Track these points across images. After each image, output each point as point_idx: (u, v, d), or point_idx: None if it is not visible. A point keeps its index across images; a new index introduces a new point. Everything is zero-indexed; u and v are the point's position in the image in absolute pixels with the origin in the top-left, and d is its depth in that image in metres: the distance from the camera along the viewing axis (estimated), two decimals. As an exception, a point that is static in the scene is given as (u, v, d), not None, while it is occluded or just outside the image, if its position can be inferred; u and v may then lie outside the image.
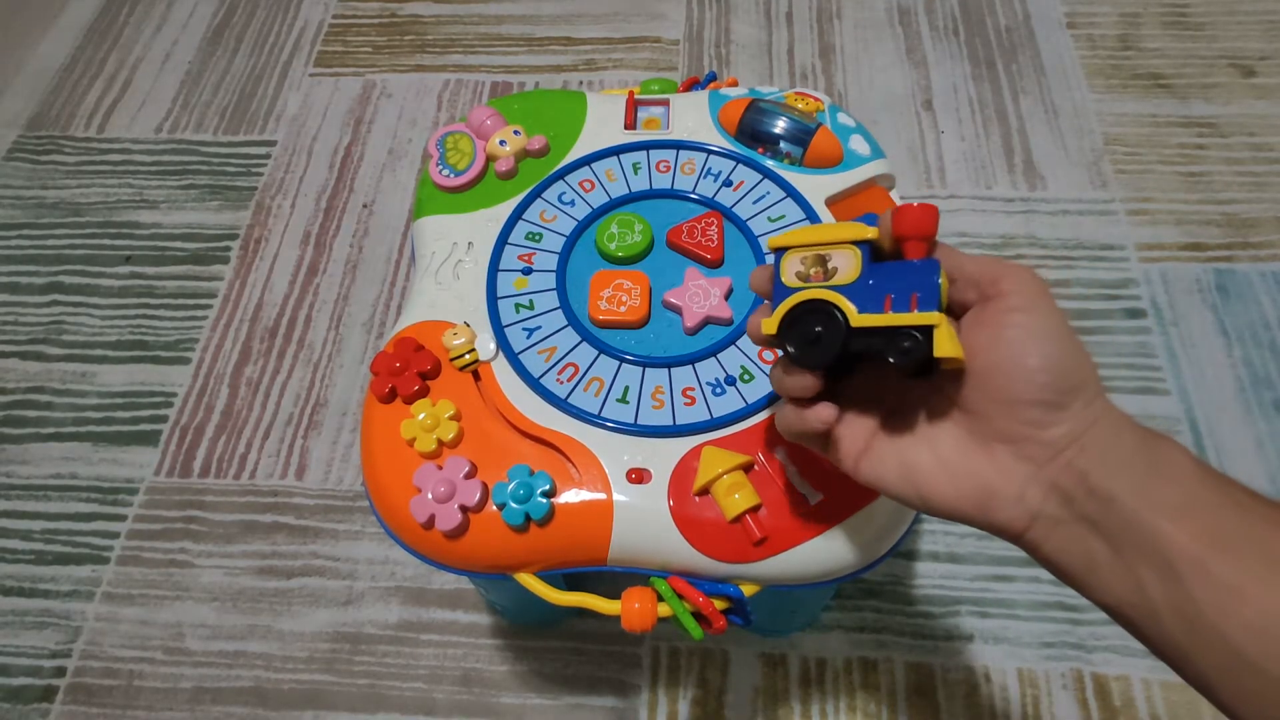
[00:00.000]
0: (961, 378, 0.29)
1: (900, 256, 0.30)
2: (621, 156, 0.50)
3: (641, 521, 0.38)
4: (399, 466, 0.40)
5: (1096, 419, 0.27)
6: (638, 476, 0.39)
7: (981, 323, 0.28)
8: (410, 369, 0.41)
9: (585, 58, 0.95)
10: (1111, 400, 0.28)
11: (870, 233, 0.30)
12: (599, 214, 0.48)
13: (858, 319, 0.29)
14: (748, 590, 0.39)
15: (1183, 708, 0.57)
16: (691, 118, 0.52)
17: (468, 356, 0.42)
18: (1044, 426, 0.27)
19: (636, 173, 0.50)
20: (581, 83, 0.93)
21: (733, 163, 0.50)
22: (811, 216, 0.47)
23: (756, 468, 0.39)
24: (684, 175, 0.49)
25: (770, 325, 0.31)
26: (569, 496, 0.39)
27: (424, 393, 0.41)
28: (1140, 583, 0.26)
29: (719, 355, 0.42)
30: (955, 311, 0.30)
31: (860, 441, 0.31)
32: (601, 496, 0.38)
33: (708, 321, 0.43)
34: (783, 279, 0.31)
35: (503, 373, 0.42)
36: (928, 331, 0.28)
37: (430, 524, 0.38)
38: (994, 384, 0.28)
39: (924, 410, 0.31)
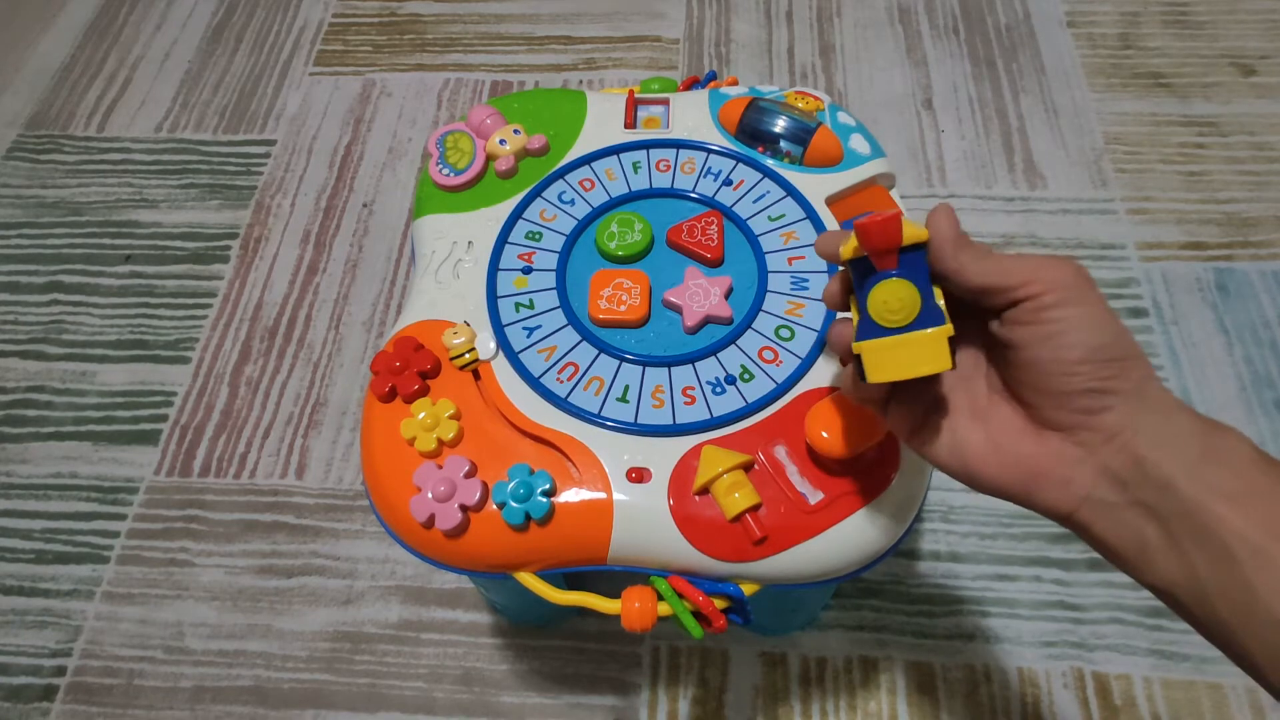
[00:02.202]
0: (1013, 365, 0.29)
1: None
2: (621, 155, 0.50)
3: (641, 521, 0.38)
4: (399, 466, 0.40)
5: (1148, 403, 0.28)
6: (638, 476, 0.39)
7: (1020, 321, 0.29)
8: (410, 368, 0.41)
9: (585, 57, 0.95)
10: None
11: (924, 234, 0.29)
12: (599, 213, 0.48)
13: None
14: (748, 589, 0.39)
15: (1184, 706, 0.56)
16: (691, 117, 0.51)
17: (468, 356, 0.42)
18: (1093, 413, 0.28)
19: (636, 172, 0.50)
20: (581, 82, 0.93)
21: (733, 162, 0.49)
22: (811, 216, 0.47)
23: (756, 467, 0.38)
24: (684, 174, 0.49)
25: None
26: (569, 496, 0.39)
27: (424, 392, 0.41)
28: (1192, 566, 0.26)
29: (719, 354, 0.42)
30: (999, 309, 0.29)
31: (918, 415, 0.32)
32: (601, 496, 0.38)
33: (708, 320, 0.43)
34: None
35: (503, 372, 0.42)
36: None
37: (430, 523, 0.38)
38: (1040, 378, 0.28)
39: (981, 391, 0.31)
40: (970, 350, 0.32)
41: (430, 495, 0.38)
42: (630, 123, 0.52)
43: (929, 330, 0.29)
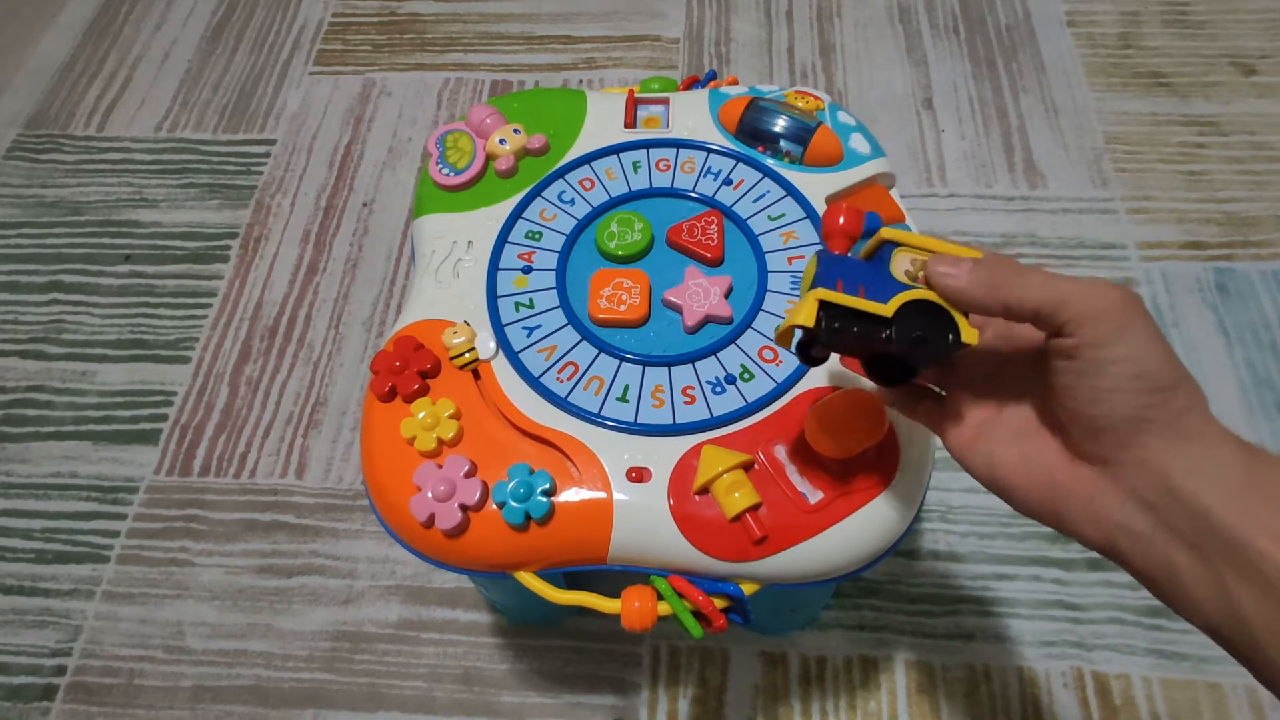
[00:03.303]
0: (1051, 386, 0.29)
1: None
2: (621, 155, 0.50)
3: (641, 520, 0.38)
4: (399, 465, 0.40)
5: (1186, 432, 0.26)
6: (638, 475, 0.39)
7: (1053, 353, 0.28)
8: (410, 368, 0.41)
9: (585, 56, 0.95)
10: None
11: (977, 254, 0.30)
12: (599, 213, 0.48)
13: (968, 334, 0.30)
14: (748, 589, 0.38)
15: (1183, 706, 0.57)
16: (691, 116, 0.51)
17: (468, 355, 0.42)
18: (1125, 445, 0.27)
19: (636, 171, 0.50)
20: (581, 81, 0.93)
21: (733, 161, 0.49)
22: (811, 215, 0.47)
23: (756, 466, 0.38)
24: (684, 174, 0.49)
25: (888, 309, 0.30)
26: (569, 495, 0.39)
27: (424, 391, 0.41)
28: (1236, 602, 0.25)
29: (719, 354, 0.42)
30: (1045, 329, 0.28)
31: (968, 431, 0.32)
32: (601, 495, 0.38)
33: (708, 320, 0.43)
34: (891, 271, 0.31)
35: (503, 371, 0.42)
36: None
37: (430, 523, 0.38)
38: (1073, 403, 0.28)
39: (1029, 414, 0.31)
40: (1024, 373, 0.31)
41: (430, 495, 0.38)
42: (630, 122, 0.52)
43: (812, 290, 0.30)
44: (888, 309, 0.30)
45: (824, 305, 0.30)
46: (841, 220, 0.32)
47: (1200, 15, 0.93)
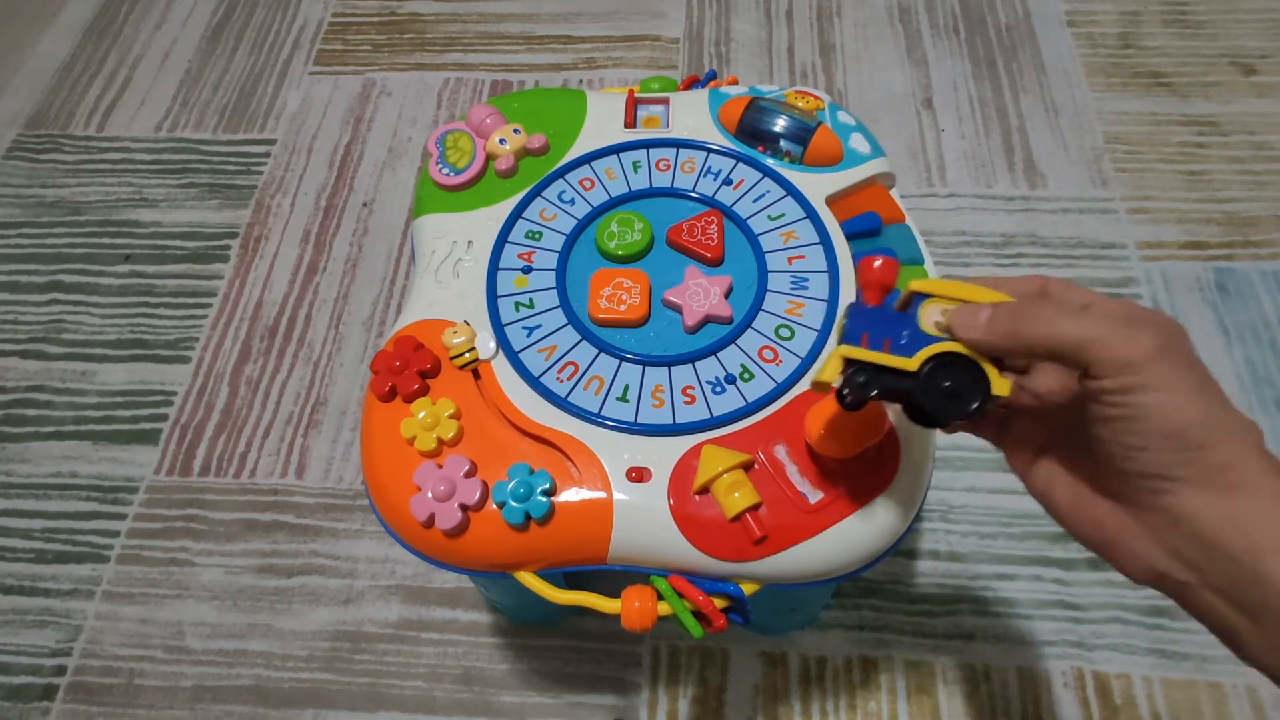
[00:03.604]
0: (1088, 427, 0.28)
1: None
2: (621, 155, 0.50)
3: (641, 520, 0.38)
4: (399, 465, 0.40)
5: (1224, 484, 0.25)
6: (638, 475, 0.39)
7: (1085, 395, 0.27)
8: (410, 368, 0.41)
9: (585, 56, 0.95)
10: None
11: (1005, 297, 0.30)
12: (599, 212, 0.48)
13: (999, 384, 0.29)
14: (748, 589, 0.38)
15: (1183, 706, 0.57)
16: (691, 116, 0.51)
17: (468, 355, 0.42)
18: (1155, 494, 0.26)
19: (636, 171, 0.50)
20: (581, 81, 0.93)
21: (733, 161, 0.49)
22: (811, 215, 0.47)
23: (756, 466, 0.38)
24: (684, 174, 0.49)
25: (913, 364, 0.30)
26: (569, 495, 0.39)
27: (424, 391, 0.41)
28: None
29: (719, 354, 0.42)
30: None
31: (1030, 452, 0.32)
32: (601, 495, 0.38)
33: (708, 320, 0.43)
34: (920, 324, 0.31)
35: (503, 371, 0.42)
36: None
37: (430, 523, 0.38)
38: (1101, 450, 0.27)
39: (1081, 445, 0.30)
40: (1081, 410, 0.29)
41: (430, 495, 0.38)
42: (630, 122, 0.52)
43: (837, 348, 0.31)
44: (913, 363, 0.30)
45: (850, 362, 0.31)
46: (877, 267, 0.31)
47: (1200, 15, 0.93)
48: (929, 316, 0.31)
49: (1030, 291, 0.30)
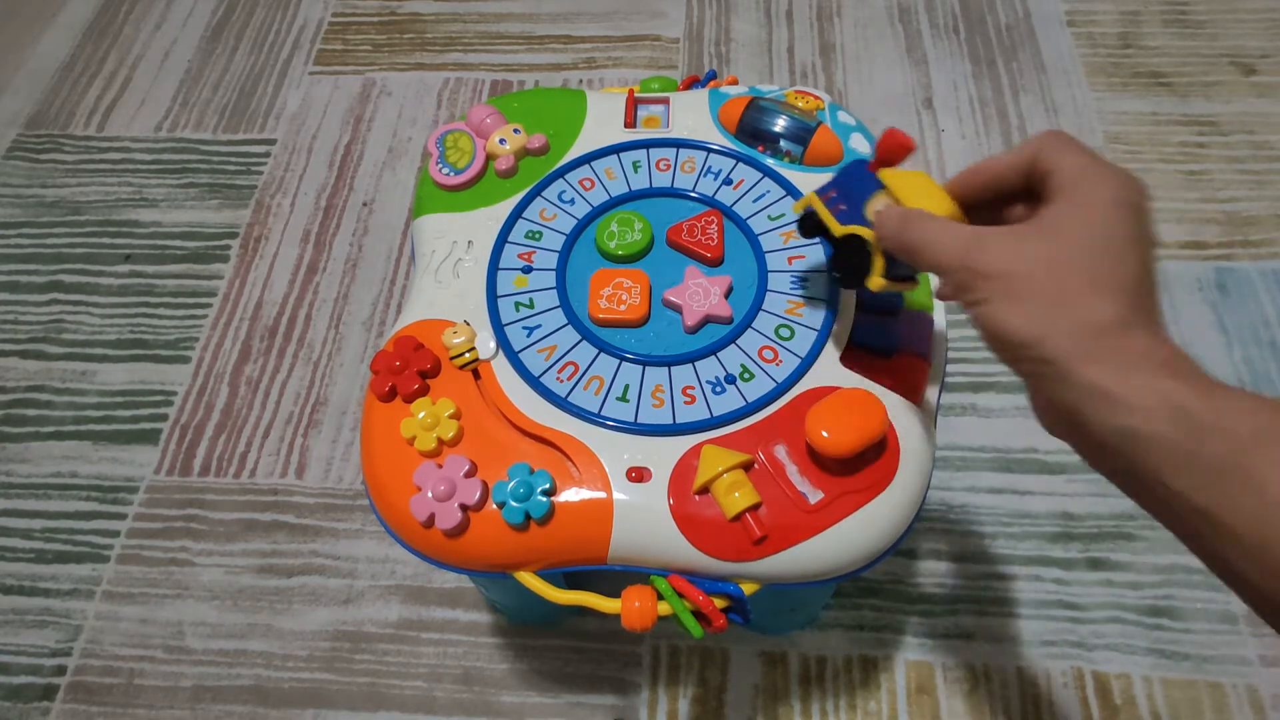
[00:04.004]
0: None
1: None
2: (621, 155, 0.50)
3: (641, 520, 0.38)
4: (399, 465, 0.40)
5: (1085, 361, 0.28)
6: (638, 475, 0.39)
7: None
8: (410, 367, 0.41)
9: (585, 56, 0.95)
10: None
11: (942, 206, 0.35)
12: (599, 212, 0.48)
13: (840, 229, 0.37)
14: (748, 588, 0.39)
15: (1183, 705, 0.57)
16: (691, 116, 0.51)
17: (468, 355, 0.42)
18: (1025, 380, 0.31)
19: (636, 171, 0.50)
20: (581, 81, 0.93)
21: (733, 161, 0.49)
22: (811, 215, 0.46)
23: (756, 466, 0.38)
24: (684, 174, 0.49)
25: (838, 234, 0.37)
26: (569, 495, 0.39)
27: (424, 391, 0.41)
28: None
29: (719, 354, 0.42)
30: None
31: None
32: (601, 495, 0.38)
33: (708, 320, 0.43)
34: (864, 205, 0.36)
35: (503, 371, 0.42)
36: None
37: (430, 522, 0.38)
38: None
39: None
40: None
41: (430, 495, 0.38)
42: (630, 122, 0.52)
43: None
44: (837, 232, 0.37)
45: (811, 205, 0.38)
46: (891, 141, 0.36)
47: (1200, 15, 0.93)
48: (876, 202, 0.36)
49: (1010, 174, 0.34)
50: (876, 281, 0.36)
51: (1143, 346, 0.28)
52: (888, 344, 0.42)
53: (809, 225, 0.40)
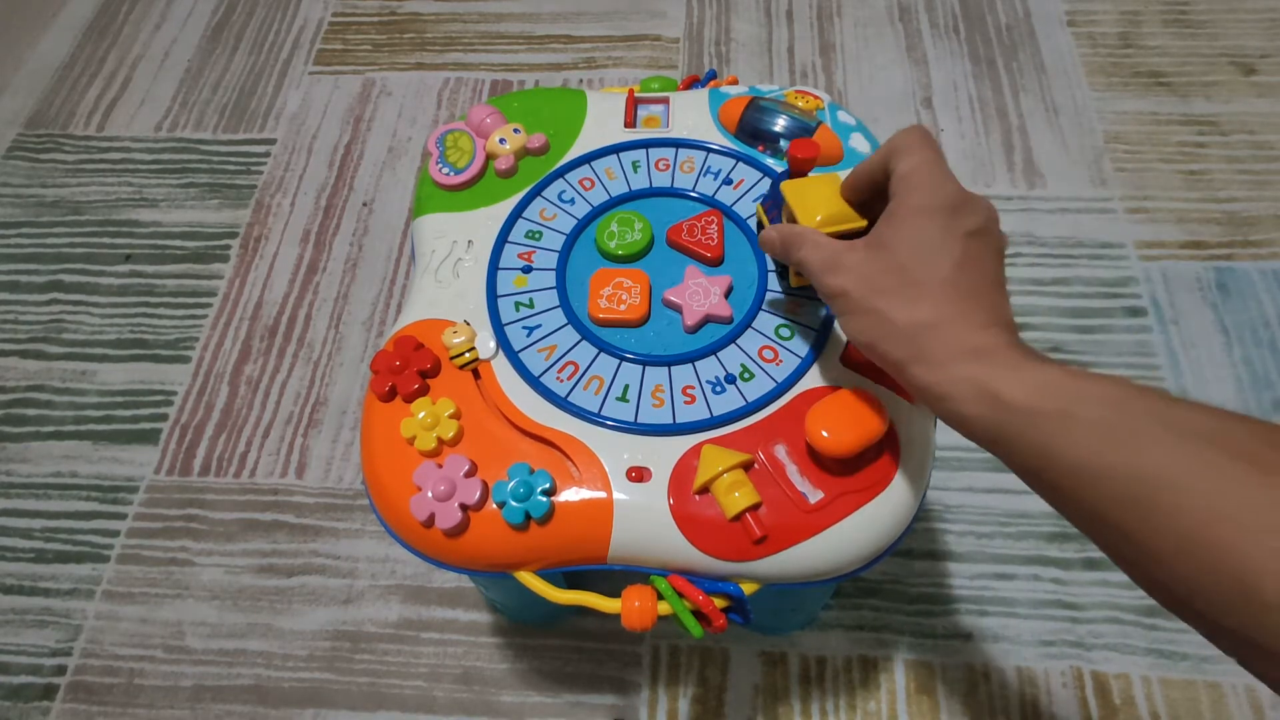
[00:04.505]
0: None
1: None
2: (621, 155, 0.50)
3: (641, 520, 0.38)
4: (399, 465, 0.40)
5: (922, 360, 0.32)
6: (638, 475, 0.39)
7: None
8: (410, 367, 0.41)
9: (585, 56, 0.95)
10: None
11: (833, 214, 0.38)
12: (599, 212, 0.48)
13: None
14: (748, 588, 0.39)
15: (1182, 705, 0.57)
16: (691, 116, 0.51)
17: (468, 355, 0.42)
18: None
19: (636, 171, 0.50)
20: (581, 81, 0.93)
21: (732, 161, 0.49)
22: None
23: (756, 466, 0.38)
24: (684, 173, 0.49)
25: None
26: (569, 495, 0.39)
27: (424, 391, 0.41)
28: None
29: (719, 353, 0.42)
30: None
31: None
32: (601, 495, 0.38)
33: (708, 319, 0.43)
34: (783, 220, 0.40)
35: (503, 371, 0.42)
36: None
37: (430, 522, 0.38)
38: None
39: None
40: None
41: (430, 494, 0.38)
42: (630, 122, 0.52)
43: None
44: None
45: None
46: (796, 149, 0.39)
47: (1200, 15, 0.93)
48: (785, 211, 0.39)
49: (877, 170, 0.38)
50: (794, 279, 0.41)
51: (952, 340, 0.31)
52: None
53: (759, 223, 0.44)
